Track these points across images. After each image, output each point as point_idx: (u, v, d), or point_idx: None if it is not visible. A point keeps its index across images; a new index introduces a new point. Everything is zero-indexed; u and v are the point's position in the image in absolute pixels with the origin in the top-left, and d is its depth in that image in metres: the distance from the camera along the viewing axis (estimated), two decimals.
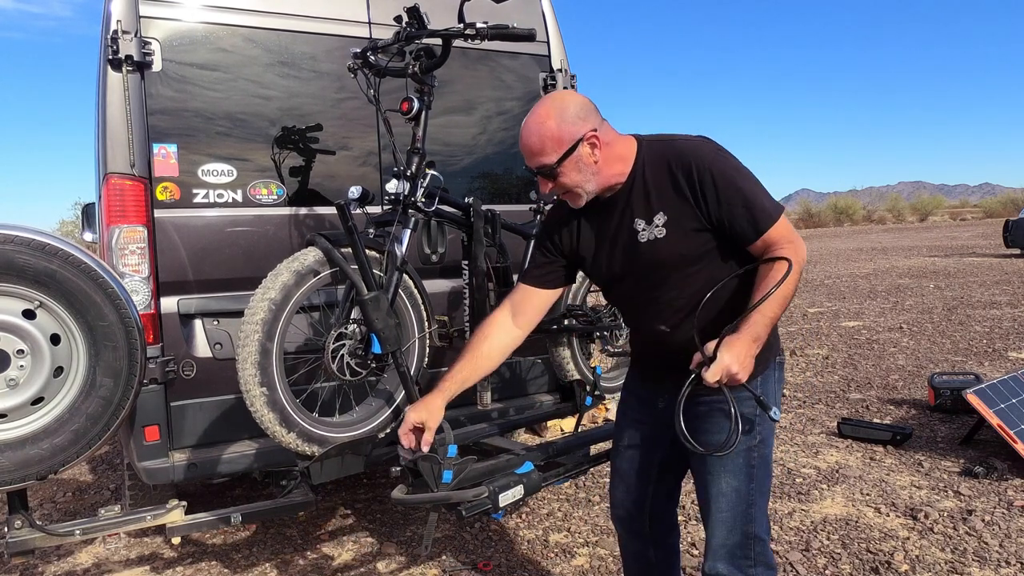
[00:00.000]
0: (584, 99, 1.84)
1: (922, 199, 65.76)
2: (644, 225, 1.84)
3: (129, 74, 2.61)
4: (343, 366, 2.33)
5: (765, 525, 1.92)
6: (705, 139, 1.85)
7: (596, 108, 1.85)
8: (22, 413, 2.19)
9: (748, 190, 1.76)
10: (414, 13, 2.35)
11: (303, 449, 2.28)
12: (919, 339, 7.61)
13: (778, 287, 1.67)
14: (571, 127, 1.77)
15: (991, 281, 12.41)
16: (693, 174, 1.76)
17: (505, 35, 2.37)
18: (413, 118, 2.44)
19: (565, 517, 3.56)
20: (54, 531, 2.37)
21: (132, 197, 2.63)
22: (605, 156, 1.82)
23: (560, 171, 1.80)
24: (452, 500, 2.08)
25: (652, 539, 2.17)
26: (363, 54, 2.48)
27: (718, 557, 1.90)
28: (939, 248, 22.02)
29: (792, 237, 1.77)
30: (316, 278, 2.29)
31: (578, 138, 1.77)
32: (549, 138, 1.78)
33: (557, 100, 1.82)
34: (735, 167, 1.79)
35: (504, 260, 2.91)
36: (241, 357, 2.17)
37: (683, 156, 1.79)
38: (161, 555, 3.33)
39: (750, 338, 1.69)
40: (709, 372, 1.67)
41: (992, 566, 2.89)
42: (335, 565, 3.17)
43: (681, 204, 1.79)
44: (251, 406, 2.20)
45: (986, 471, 3.77)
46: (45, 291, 2.15)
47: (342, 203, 2.26)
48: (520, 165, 3.42)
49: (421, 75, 2.40)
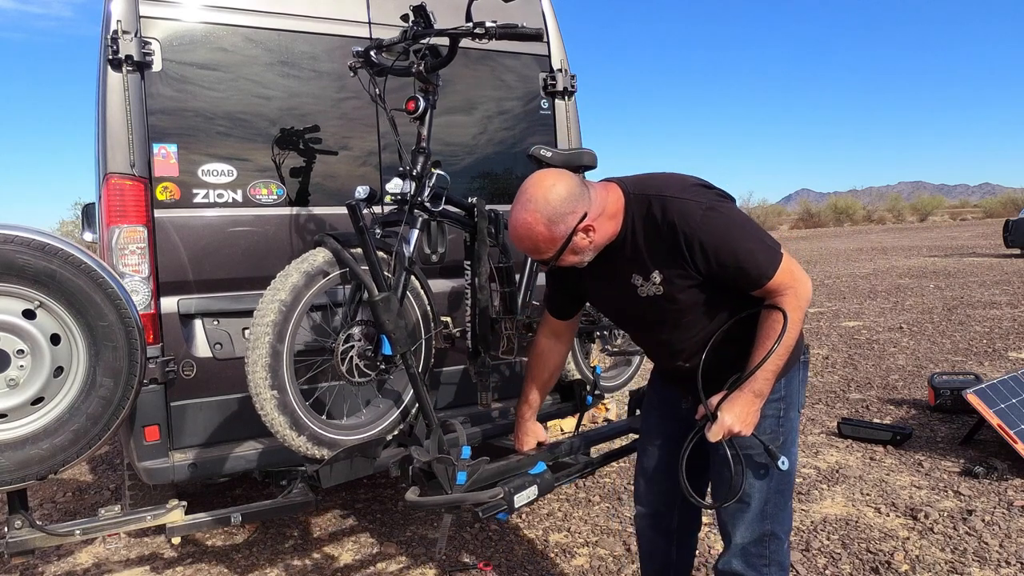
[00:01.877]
0: (566, 184, 1.75)
1: (922, 199, 65.80)
2: (642, 281, 1.85)
3: (129, 74, 2.61)
4: (351, 368, 2.31)
5: (786, 524, 1.95)
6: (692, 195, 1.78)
7: (579, 182, 1.78)
8: (22, 413, 2.18)
9: (741, 251, 1.74)
10: (421, 12, 2.32)
11: (313, 452, 2.24)
12: (919, 339, 7.61)
13: (778, 343, 1.72)
14: (561, 226, 1.74)
15: (991, 281, 12.41)
16: (681, 241, 1.75)
17: (514, 35, 2.33)
18: (419, 117, 2.41)
19: (565, 517, 3.56)
20: (54, 531, 2.37)
21: (132, 197, 2.62)
22: (599, 228, 1.80)
23: (560, 260, 1.82)
24: (468, 502, 2.06)
25: (677, 536, 2.20)
26: (366, 53, 2.45)
27: (734, 554, 1.94)
28: (939, 248, 22.02)
29: (792, 281, 1.76)
30: (326, 279, 2.26)
31: (571, 231, 1.75)
32: (542, 241, 1.76)
33: (540, 201, 1.73)
34: (724, 226, 1.75)
35: (507, 260, 2.90)
36: (251, 360, 2.12)
37: (672, 221, 1.76)
38: (161, 555, 3.33)
39: (752, 395, 1.77)
40: (711, 432, 1.77)
41: (992, 566, 2.89)
42: (335, 565, 3.16)
43: (675, 264, 1.79)
44: (261, 409, 2.15)
45: (986, 471, 3.77)
46: (45, 291, 2.15)
47: (353, 203, 2.22)
48: (519, 165, 3.42)
49: (427, 74, 2.36)
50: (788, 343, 1.74)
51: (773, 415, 1.89)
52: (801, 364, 1.98)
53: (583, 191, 1.77)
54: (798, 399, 1.97)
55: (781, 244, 1.82)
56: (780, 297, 1.75)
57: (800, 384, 1.98)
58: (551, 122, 3.48)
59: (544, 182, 1.76)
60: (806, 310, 1.79)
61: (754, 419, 1.79)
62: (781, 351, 1.74)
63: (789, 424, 1.94)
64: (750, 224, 1.78)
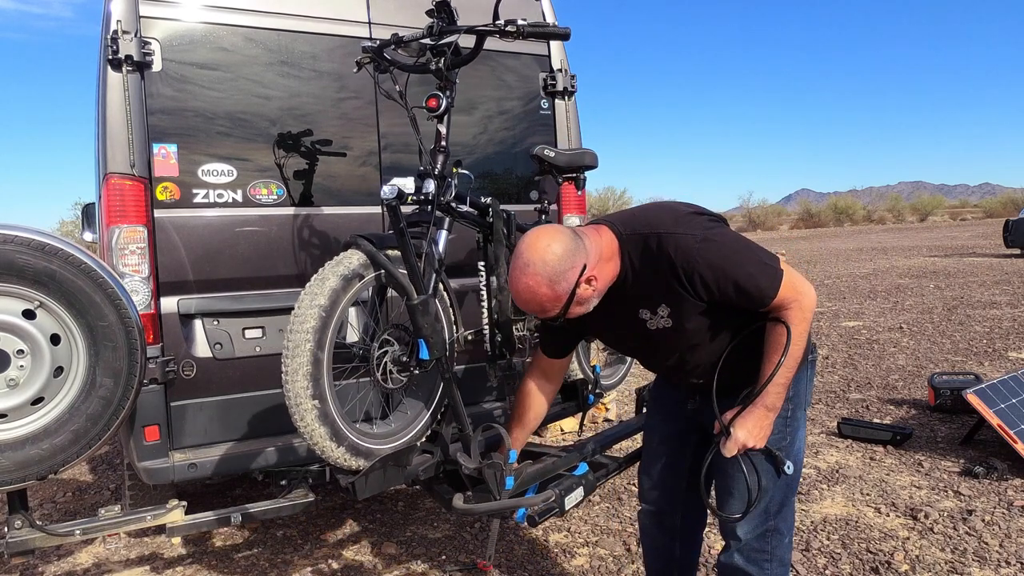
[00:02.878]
0: (560, 241, 1.74)
1: (922, 199, 65.79)
2: (649, 315, 1.87)
3: (129, 74, 2.61)
4: (386, 374, 2.21)
5: (789, 520, 1.98)
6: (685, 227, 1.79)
7: (571, 235, 1.77)
8: (22, 413, 2.18)
9: (741, 276, 1.76)
10: (444, 7, 2.23)
11: (350, 464, 2.13)
12: (919, 339, 7.61)
13: (785, 355, 1.76)
14: (563, 283, 1.73)
15: (991, 281, 12.41)
16: (682, 276, 1.77)
17: (543, 33, 2.26)
18: (439, 116, 2.31)
19: (565, 517, 3.56)
20: (54, 531, 2.37)
21: (132, 197, 2.62)
22: (600, 275, 1.80)
23: (568, 314, 1.81)
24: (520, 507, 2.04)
25: (681, 534, 2.21)
26: (379, 49, 2.37)
27: (735, 549, 1.96)
28: (939, 248, 22.02)
29: (795, 294, 1.79)
30: (361, 282, 2.16)
31: (573, 287, 1.75)
32: (547, 302, 1.76)
33: (538, 264, 1.72)
34: (721, 255, 1.76)
35: None
36: (291, 369, 2.00)
37: (669, 257, 1.77)
38: (161, 555, 3.33)
39: (764, 409, 1.82)
40: (726, 448, 1.83)
41: (992, 566, 2.89)
42: (335, 565, 3.16)
43: (679, 299, 1.81)
44: (300, 420, 2.02)
45: (986, 471, 3.77)
46: (45, 291, 2.15)
47: (392, 203, 2.13)
48: (519, 165, 3.42)
49: (447, 72, 2.28)
50: (796, 354, 1.80)
51: (781, 415, 1.91)
52: (809, 363, 2.01)
53: (578, 243, 1.76)
54: (805, 398, 2.02)
55: (780, 258, 1.85)
56: (786, 311, 1.79)
57: (807, 383, 2.02)
58: (551, 122, 3.48)
59: (539, 244, 1.74)
60: (811, 319, 1.84)
61: (767, 432, 1.85)
62: (789, 363, 1.79)
63: (796, 423, 1.97)
64: (746, 247, 1.80)
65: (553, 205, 3.31)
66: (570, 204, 3.54)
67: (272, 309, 2.87)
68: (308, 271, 2.81)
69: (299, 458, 2.85)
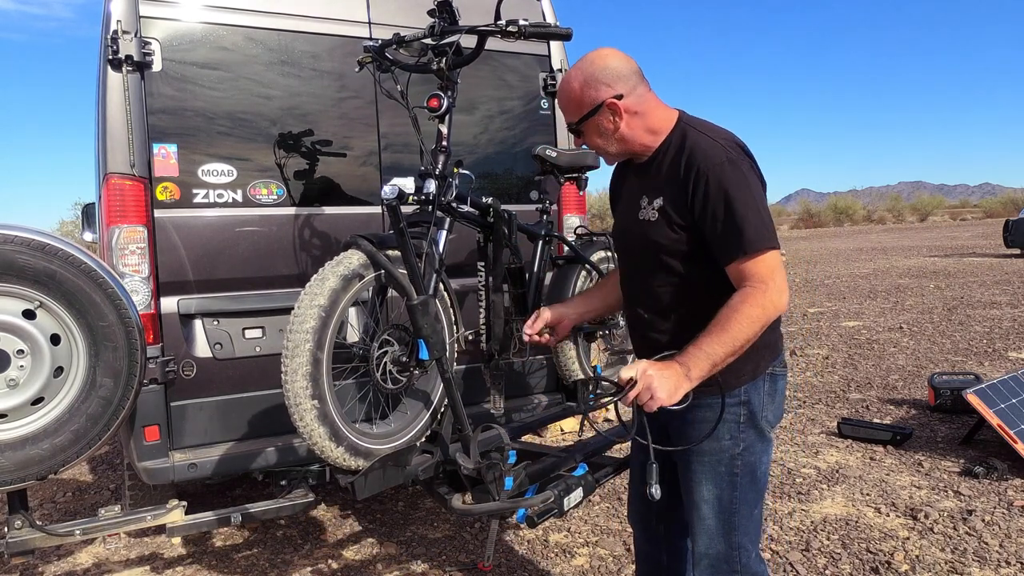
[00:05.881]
0: (622, 62, 1.78)
1: (922, 199, 65.85)
2: (646, 203, 1.83)
3: (129, 74, 2.61)
4: (384, 374, 2.21)
5: (753, 534, 1.88)
6: (727, 145, 1.74)
7: (636, 71, 1.79)
8: (22, 413, 2.19)
9: (738, 212, 1.66)
10: (446, 7, 2.23)
11: (349, 464, 2.13)
12: (919, 339, 7.61)
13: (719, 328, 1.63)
14: (593, 92, 1.76)
15: (991, 281, 12.41)
16: (693, 173, 1.71)
17: (545, 34, 2.27)
18: (440, 116, 2.31)
19: (565, 517, 3.56)
20: (54, 531, 2.37)
21: (132, 197, 2.62)
22: (630, 124, 1.79)
23: (582, 131, 1.84)
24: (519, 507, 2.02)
25: (665, 541, 2.16)
26: (380, 49, 2.36)
27: (702, 567, 1.88)
28: (939, 248, 22.03)
29: (768, 277, 1.65)
30: (361, 282, 2.16)
31: (597, 103, 1.76)
32: (572, 98, 1.79)
33: (590, 61, 1.78)
34: (736, 182, 1.68)
35: (518, 261, 2.87)
36: (290, 369, 2.00)
37: (695, 153, 1.73)
38: (161, 555, 3.33)
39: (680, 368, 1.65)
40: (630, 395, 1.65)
41: (992, 566, 2.89)
42: (335, 565, 3.16)
43: (677, 196, 1.75)
44: (300, 420, 2.03)
45: (986, 471, 3.77)
46: (45, 291, 2.15)
47: (393, 203, 2.13)
48: (519, 165, 3.42)
49: (448, 72, 2.28)
50: (735, 334, 1.63)
51: (733, 420, 1.80)
52: (770, 376, 1.84)
53: (634, 81, 1.78)
54: (764, 410, 1.83)
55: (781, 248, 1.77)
56: (748, 287, 1.65)
57: (767, 395, 1.83)
58: (551, 122, 3.49)
59: (604, 51, 1.80)
60: (770, 319, 1.67)
61: (672, 392, 1.64)
62: (725, 338, 1.63)
63: (752, 434, 1.82)
64: (760, 202, 1.71)
65: (554, 205, 3.31)
66: (571, 204, 3.55)
67: (272, 309, 2.87)
68: (308, 271, 2.82)
69: (299, 458, 2.85)
